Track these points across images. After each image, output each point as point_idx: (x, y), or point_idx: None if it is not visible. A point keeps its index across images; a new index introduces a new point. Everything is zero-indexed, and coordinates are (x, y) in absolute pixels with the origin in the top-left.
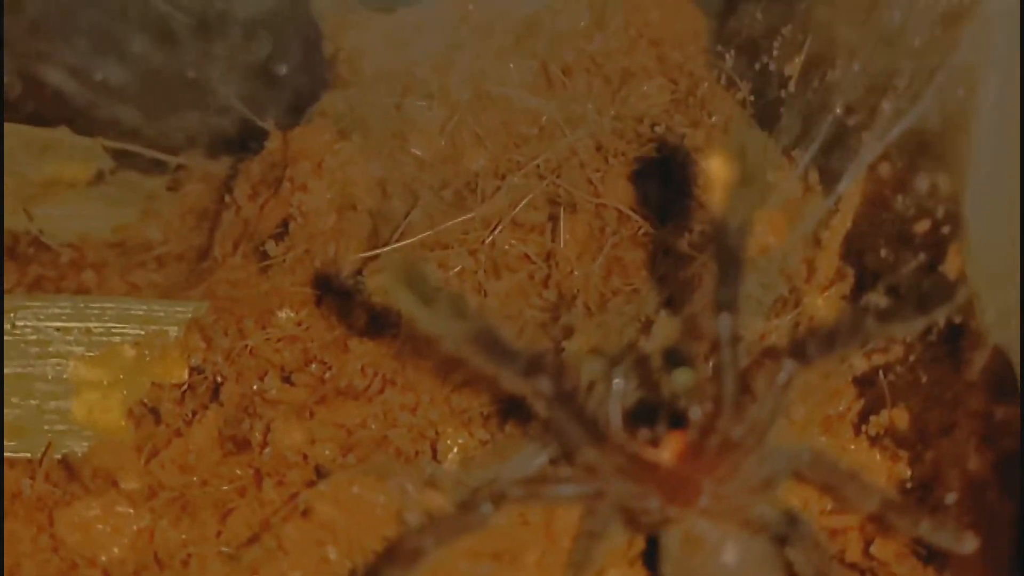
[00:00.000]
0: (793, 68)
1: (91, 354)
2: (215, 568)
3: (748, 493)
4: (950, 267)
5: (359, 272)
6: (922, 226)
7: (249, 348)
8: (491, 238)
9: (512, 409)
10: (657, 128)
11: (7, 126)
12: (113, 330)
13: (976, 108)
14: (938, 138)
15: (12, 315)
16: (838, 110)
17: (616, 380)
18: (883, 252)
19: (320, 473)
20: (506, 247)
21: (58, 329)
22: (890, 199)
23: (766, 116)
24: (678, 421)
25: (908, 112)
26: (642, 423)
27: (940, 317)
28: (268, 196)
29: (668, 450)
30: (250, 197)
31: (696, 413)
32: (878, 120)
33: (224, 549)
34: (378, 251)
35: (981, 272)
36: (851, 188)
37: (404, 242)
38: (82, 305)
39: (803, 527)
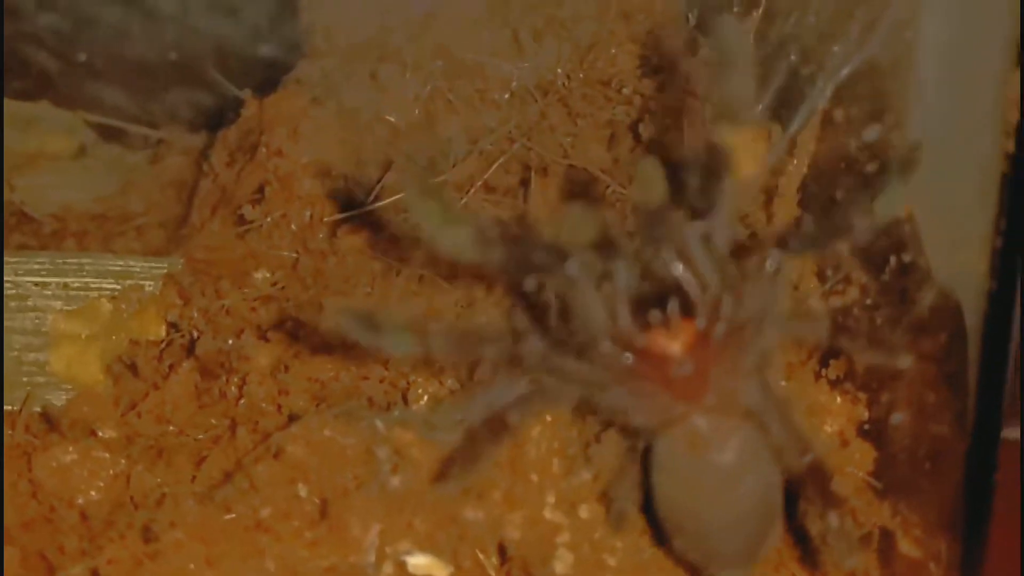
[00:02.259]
0: (752, 22)
1: (69, 308)
2: (188, 506)
3: (749, 380)
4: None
5: (334, 234)
6: (873, 167)
7: (225, 308)
8: (464, 200)
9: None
10: (626, 91)
11: None
12: (91, 285)
13: (921, 48)
14: (886, 81)
15: None
16: (792, 57)
17: (620, 270)
18: (838, 195)
19: (293, 420)
20: (479, 210)
21: (36, 284)
22: (844, 144)
23: None
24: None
25: (855, 55)
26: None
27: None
28: (245, 162)
29: (679, 339)
30: (227, 164)
31: (700, 299)
32: (829, 64)
33: (198, 490)
34: (352, 212)
35: (928, 209)
36: (806, 135)
37: (378, 203)
38: (60, 260)
39: (777, 401)
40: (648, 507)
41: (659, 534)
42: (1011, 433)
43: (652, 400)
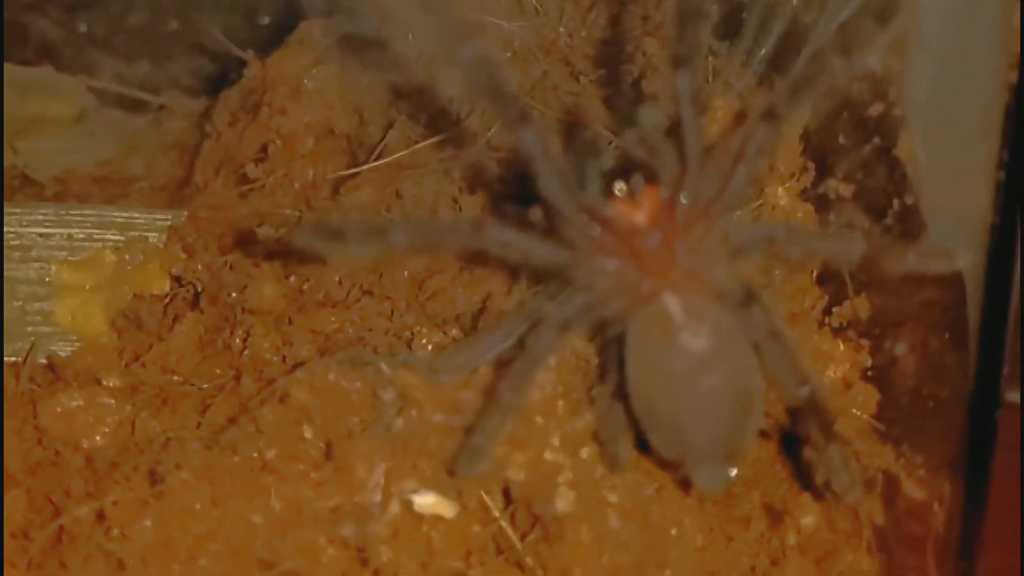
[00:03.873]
0: None
1: (73, 259)
2: (193, 449)
3: (718, 265)
4: (902, 150)
5: (337, 192)
6: (875, 109)
7: (229, 264)
8: (467, 158)
9: (483, 312)
10: (628, 49)
11: None
12: (94, 236)
13: None
14: (885, 23)
15: None
16: (793, 2)
17: (589, 140)
18: (840, 139)
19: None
20: (481, 167)
21: (40, 235)
22: (847, 89)
23: (730, 24)
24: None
25: None
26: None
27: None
28: (247, 122)
29: (643, 208)
30: (230, 124)
31: (664, 170)
32: (828, 6)
33: (203, 435)
34: (356, 170)
35: (931, 143)
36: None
37: (381, 161)
38: (63, 212)
39: (758, 295)
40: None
41: (640, 436)
42: (1012, 396)
43: (621, 276)
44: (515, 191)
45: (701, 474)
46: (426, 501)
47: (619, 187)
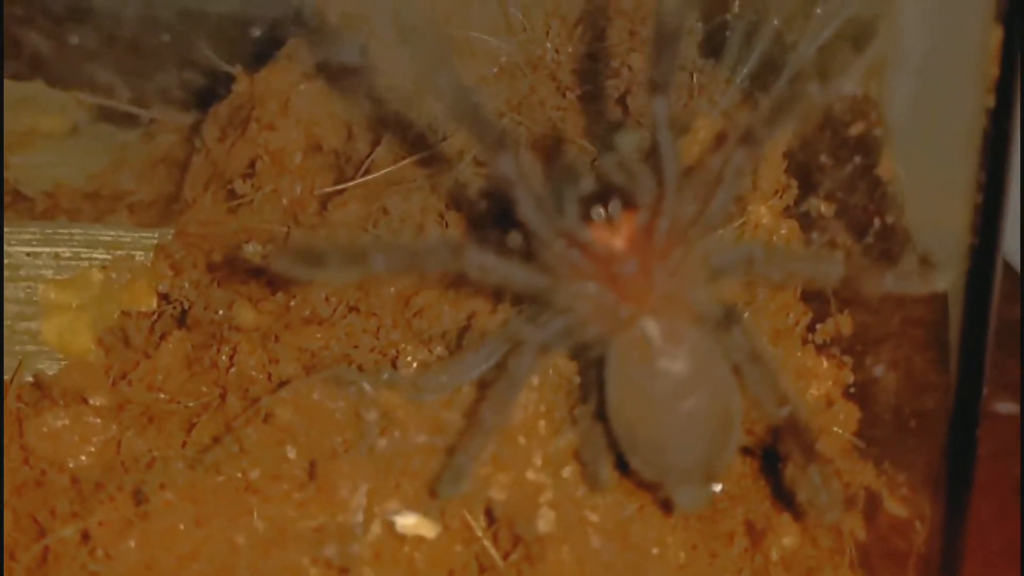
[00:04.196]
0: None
1: (60, 278)
2: (178, 469)
3: (697, 287)
4: (884, 169)
5: (324, 207)
6: (857, 129)
7: (216, 280)
8: (454, 174)
9: (468, 329)
10: (614, 64)
11: None
12: (81, 255)
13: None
14: (866, 41)
15: None
16: (775, 22)
17: (568, 165)
18: (823, 159)
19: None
20: (467, 183)
21: (28, 254)
22: (829, 108)
23: (714, 42)
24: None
25: (837, 16)
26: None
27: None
28: (236, 137)
29: (621, 233)
30: (219, 139)
31: (642, 195)
32: (810, 26)
33: (188, 455)
34: (343, 186)
35: (910, 165)
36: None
37: (368, 177)
38: (50, 231)
39: (737, 317)
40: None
41: (621, 458)
42: (1005, 408)
43: (599, 301)
44: (500, 208)
45: (681, 495)
46: (408, 522)
47: (597, 212)
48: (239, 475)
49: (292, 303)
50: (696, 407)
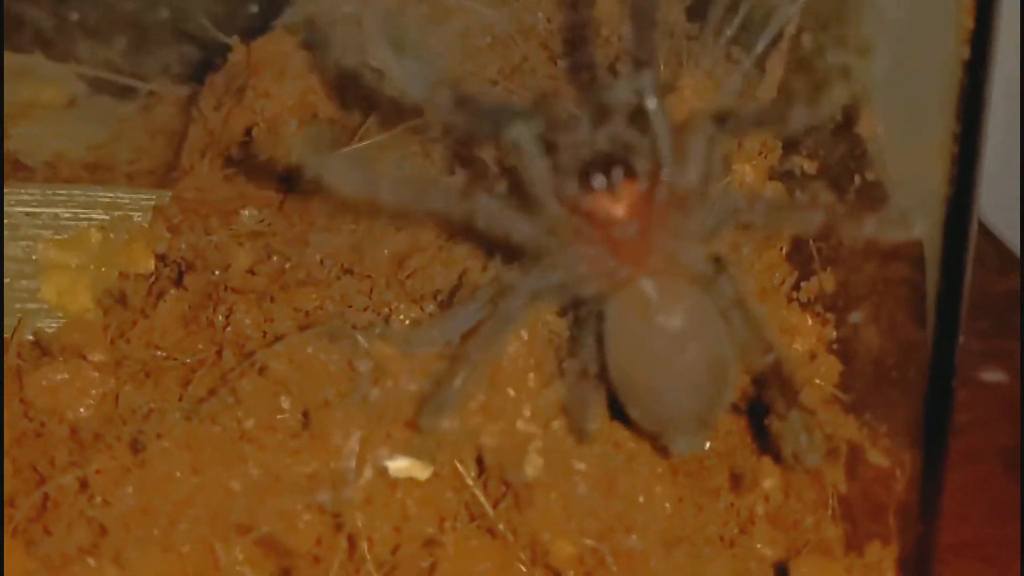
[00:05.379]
0: None
1: (59, 237)
2: (175, 420)
3: (693, 247)
4: (863, 127)
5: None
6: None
7: (213, 244)
8: (448, 141)
9: (459, 288)
10: (604, 32)
11: None
12: (80, 215)
13: None
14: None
15: None
16: None
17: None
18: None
19: None
20: (460, 149)
21: (27, 214)
22: (810, 66)
23: (700, 8)
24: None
25: None
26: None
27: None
28: (232, 105)
29: (622, 201)
30: (215, 108)
31: (642, 163)
32: None
33: (185, 407)
34: (339, 152)
35: (888, 117)
36: (775, 59)
37: (363, 143)
38: (49, 192)
39: (724, 265)
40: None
41: (618, 408)
42: (992, 376)
43: (599, 263)
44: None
45: (678, 443)
46: (400, 465)
47: (598, 181)
48: (234, 425)
49: (287, 265)
50: (693, 360)
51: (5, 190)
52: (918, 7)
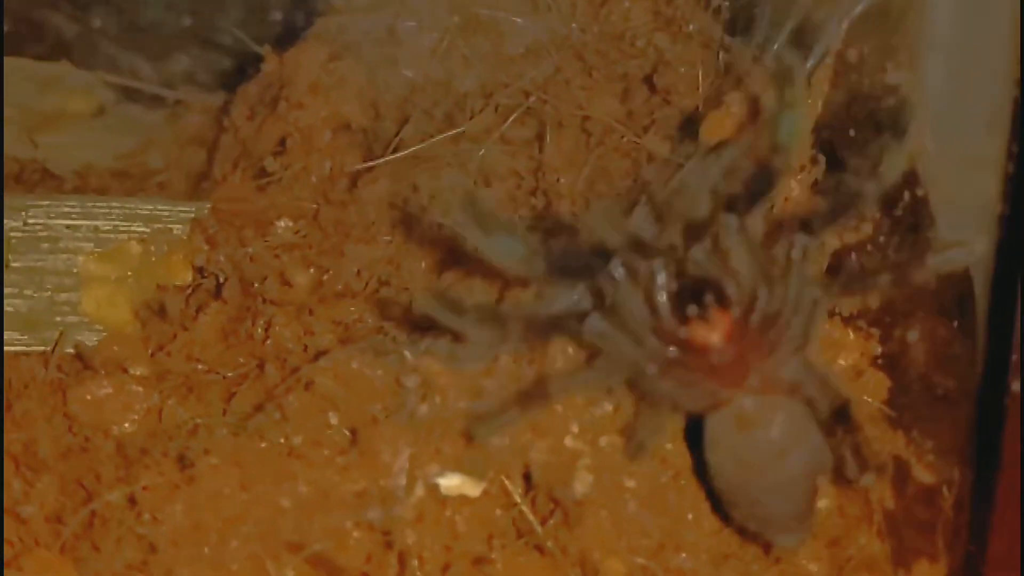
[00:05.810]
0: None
1: (99, 250)
2: (221, 435)
3: (789, 360)
4: (914, 143)
5: (354, 185)
6: (886, 103)
7: (249, 255)
8: (481, 152)
9: (500, 303)
10: (639, 43)
11: (10, 60)
12: (120, 228)
13: None
14: (899, 18)
15: (24, 213)
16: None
17: (657, 270)
18: (852, 133)
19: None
20: (495, 162)
21: (67, 227)
22: (858, 84)
23: (740, 20)
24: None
25: None
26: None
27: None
28: (265, 116)
29: (717, 330)
30: (248, 118)
31: (733, 290)
32: (841, 4)
33: (230, 422)
34: (373, 163)
35: (940, 134)
36: (820, 75)
37: (397, 154)
38: (90, 204)
39: (815, 371)
40: (705, 481)
41: (718, 507)
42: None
43: (698, 388)
44: (531, 186)
45: (781, 540)
46: (452, 483)
47: (692, 310)
48: (282, 441)
49: (325, 277)
50: (793, 469)
51: (45, 202)
52: (972, 24)
